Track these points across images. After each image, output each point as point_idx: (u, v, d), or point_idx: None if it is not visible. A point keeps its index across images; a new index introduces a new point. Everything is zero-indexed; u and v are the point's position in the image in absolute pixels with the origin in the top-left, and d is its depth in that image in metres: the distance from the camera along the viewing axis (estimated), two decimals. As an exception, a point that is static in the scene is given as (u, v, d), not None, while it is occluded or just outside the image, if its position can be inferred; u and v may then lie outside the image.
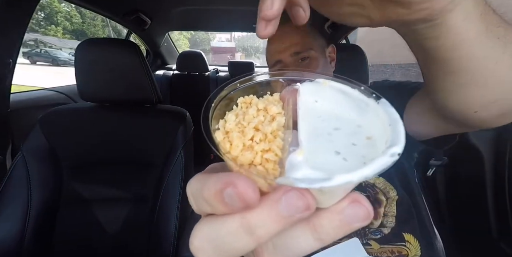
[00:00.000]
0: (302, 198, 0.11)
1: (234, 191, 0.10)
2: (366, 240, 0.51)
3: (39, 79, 6.36)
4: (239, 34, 28.56)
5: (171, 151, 0.77)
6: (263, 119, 0.14)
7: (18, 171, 0.71)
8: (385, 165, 0.11)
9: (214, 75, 2.11)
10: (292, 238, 0.12)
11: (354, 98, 0.14)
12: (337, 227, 0.12)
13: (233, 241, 0.11)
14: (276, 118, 0.14)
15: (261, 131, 0.13)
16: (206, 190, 0.11)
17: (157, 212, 0.74)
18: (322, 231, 0.12)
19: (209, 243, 0.12)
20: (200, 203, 0.12)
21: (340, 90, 0.15)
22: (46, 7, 19.84)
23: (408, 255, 0.50)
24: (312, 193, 0.11)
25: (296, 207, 0.11)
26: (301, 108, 0.14)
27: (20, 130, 0.88)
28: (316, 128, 0.13)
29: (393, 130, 0.12)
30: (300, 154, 0.11)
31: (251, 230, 0.11)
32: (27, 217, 0.69)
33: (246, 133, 0.13)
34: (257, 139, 0.12)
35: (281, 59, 0.58)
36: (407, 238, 0.51)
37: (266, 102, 0.15)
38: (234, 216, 0.11)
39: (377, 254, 0.50)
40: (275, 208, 0.11)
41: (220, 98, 0.15)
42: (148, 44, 2.04)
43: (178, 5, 1.38)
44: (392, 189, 0.53)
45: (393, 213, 0.52)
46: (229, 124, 0.13)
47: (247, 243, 0.11)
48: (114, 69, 0.74)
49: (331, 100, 0.15)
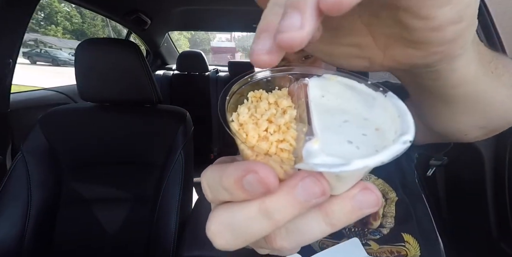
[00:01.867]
0: (318, 184, 0.11)
1: (256, 177, 0.11)
2: (365, 241, 0.51)
3: (39, 79, 6.36)
4: (239, 34, 28.54)
5: (171, 151, 0.77)
6: (275, 112, 0.14)
7: (18, 171, 0.71)
8: (399, 152, 0.11)
9: (214, 75, 2.11)
10: (305, 223, 0.13)
11: (361, 93, 0.15)
12: (348, 213, 0.12)
13: (251, 225, 0.12)
14: (287, 111, 0.14)
15: (274, 123, 0.13)
16: (225, 178, 0.12)
17: (157, 212, 0.74)
18: (334, 217, 0.12)
19: (226, 227, 0.12)
20: (218, 191, 0.13)
21: (347, 85, 0.15)
22: (46, 7, 19.83)
23: (407, 255, 0.50)
24: (328, 179, 0.11)
25: (312, 193, 0.11)
26: (311, 101, 0.14)
27: (20, 130, 0.88)
28: (326, 121, 0.14)
29: (403, 120, 0.12)
30: (316, 142, 0.12)
31: (269, 215, 0.11)
32: (27, 217, 0.69)
33: (260, 124, 0.13)
34: (271, 130, 0.13)
35: (285, 56, 0.58)
36: (406, 238, 0.51)
37: (276, 96, 0.15)
38: (253, 202, 0.12)
39: (376, 254, 0.50)
40: (292, 194, 0.11)
41: (232, 92, 0.15)
42: (148, 44, 2.04)
43: (178, 5, 1.38)
44: (391, 190, 0.53)
45: (392, 213, 0.52)
46: (243, 117, 0.14)
47: (264, 227, 0.12)
48: (114, 69, 0.74)
49: (338, 95, 0.15)
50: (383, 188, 0.52)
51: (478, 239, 0.75)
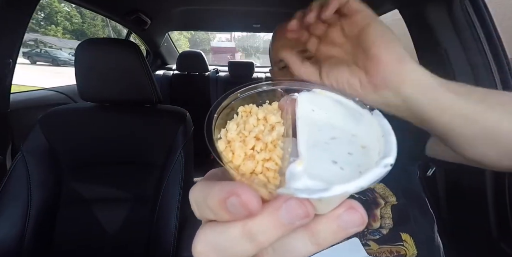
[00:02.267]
0: (301, 206, 0.11)
1: (238, 201, 0.11)
2: (365, 241, 0.51)
3: (39, 79, 6.36)
4: (239, 34, 28.53)
5: (171, 151, 0.77)
6: (263, 128, 0.14)
7: (18, 171, 0.71)
8: (379, 176, 0.11)
9: (214, 75, 2.11)
10: (291, 243, 0.13)
11: (349, 108, 0.15)
12: (334, 232, 0.12)
13: (235, 247, 0.12)
14: (275, 128, 0.14)
15: (261, 140, 0.13)
16: (210, 199, 0.12)
17: (157, 212, 0.74)
18: (319, 236, 0.12)
19: (211, 248, 0.12)
20: (204, 210, 0.13)
21: (335, 99, 0.15)
22: (46, 7, 19.83)
23: (406, 254, 0.50)
24: (311, 202, 0.11)
25: (296, 215, 0.11)
26: (299, 118, 0.14)
27: (20, 130, 0.88)
28: (313, 138, 0.14)
29: (386, 141, 0.13)
30: (300, 164, 0.12)
31: (253, 237, 0.11)
32: (27, 217, 0.69)
33: (247, 142, 0.13)
34: (258, 149, 0.13)
35: None
36: (403, 237, 0.51)
37: (265, 111, 0.15)
38: (236, 223, 0.12)
39: (376, 254, 0.50)
40: (276, 216, 0.11)
41: (222, 107, 0.15)
42: (148, 44, 2.04)
43: (178, 5, 1.38)
44: (391, 194, 0.53)
45: (389, 215, 0.52)
46: (231, 134, 0.14)
47: (248, 249, 0.12)
48: (114, 69, 0.74)
49: (327, 109, 0.15)
50: (384, 191, 0.52)
51: (478, 239, 0.74)
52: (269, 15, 1.51)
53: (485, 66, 0.74)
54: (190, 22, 1.80)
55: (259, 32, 2.10)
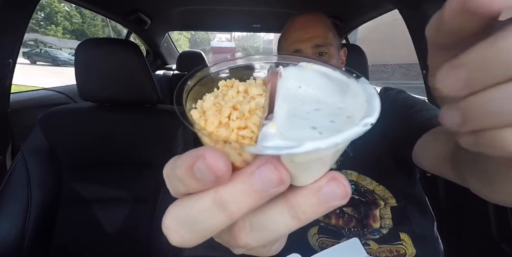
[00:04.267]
0: (275, 172, 0.10)
1: (204, 163, 0.10)
2: (365, 240, 0.51)
3: (39, 79, 6.36)
4: (239, 34, 28.48)
5: (171, 151, 0.77)
6: (243, 99, 0.13)
7: (18, 171, 0.70)
8: (357, 134, 0.10)
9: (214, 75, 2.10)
10: (269, 217, 0.12)
11: (335, 80, 0.14)
12: (314, 205, 0.12)
13: (206, 218, 0.11)
14: (256, 99, 0.13)
15: (239, 110, 0.13)
16: (178, 168, 0.11)
17: (157, 212, 0.74)
18: (299, 209, 0.11)
19: (181, 222, 0.11)
20: (174, 182, 0.12)
21: (322, 73, 0.15)
22: (46, 7, 19.82)
23: (405, 253, 0.50)
24: (287, 167, 0.11)
25: (269, 181, 0.10)
26: (281, 91, 0.14)
27: (20, 130, 0.88)
28: (295, 109, 0.13)
29: (369, 105, 0.12)
30: (273, 127, 0.11)
31: (224, 206, 0.11)
32: (27, 217, 0.69)
33: (223, 111, 0.12)
34: (234, 117, 0.12)
35: (301, 49, 0.57)
36: (402, 237, 0.51)
37: (247, 85, 0.14)
38: (206, 193, 0.11)
39: (376, 253, 0.50)
40: (249, 182, 0.10)
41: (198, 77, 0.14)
42: (148, 44, 2.04)
43: (178, 5, 1.38)
44: (391, 197, 0.53)
45: (389, 215, 0.52)
46: (206, 104, 0.13)
47: (220, 221, 0.11)
48: (114, 69, 0.74)
49: (314, 85, 0.15)
50: (383, 193, 0.53)
51: (478, 239, 0.74)
52: (269, 15, 1.51)
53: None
54: (190, 22, 1.80)
55: (259, 32, 2.10)
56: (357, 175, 0.55)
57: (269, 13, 1.45)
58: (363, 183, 0.54)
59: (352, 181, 0.55)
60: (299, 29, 0.58)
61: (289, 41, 0.58)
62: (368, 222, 0.52)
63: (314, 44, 0.55)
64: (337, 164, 0.57)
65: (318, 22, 0.58)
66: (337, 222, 0.54)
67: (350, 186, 0.12)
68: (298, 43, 0.57)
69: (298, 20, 0.60)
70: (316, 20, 0.58)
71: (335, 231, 0.53)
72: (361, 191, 0.54)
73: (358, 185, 0.54)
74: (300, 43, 0.56)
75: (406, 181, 0.55)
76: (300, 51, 0.56)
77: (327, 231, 0.54)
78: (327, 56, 0.57)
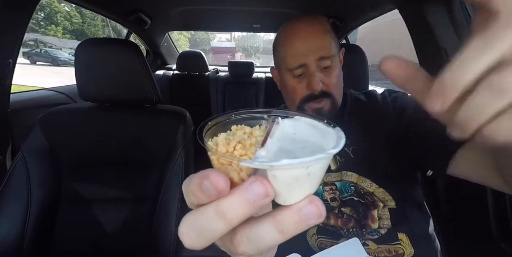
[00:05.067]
0: (262, 186, 0.14)
1: (209, 182, 0.13)
2: (363, 241, 0.51)
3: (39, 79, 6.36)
4: (239, 34, 28.52)
5: (171, 151, 0.77)
6: (247, 138, 0.17)
7: (18, 171, 0.71)
8: (321, 158, 0.14)
9: (214, 75, 2.11)
10: (261, 232, 0.15)
11: (320, 129, 0.19)
12: (296, 223, 0.14)
13: (210, 225, 0.14)
14: (257, 138, 0.17)
15: (242, 143, 0.16)
16: (191, 184, 0.14)
17: (157, 212, 0.74)
18: (284, 226, 0.14)
19: (191, 228, 0.15)
20: (188, 195, 0.15)
21: (311, 124, 0.19)
22: (46, 7, 19.83)
23: (404, 253, 0.50)
24: (271, 184, 0.14)
25: (258, 194, 0.13)
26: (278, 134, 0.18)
27: (20, 130, 0.88)
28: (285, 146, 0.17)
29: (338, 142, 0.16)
30: (263, 151, 0.15)
31: (224, 215, 0.14)
32: (27, 217, 0.69)
33: (230, 143, 0.16)
34: (238, 148, 0.16)
35: (306, 63, 0.54)
36: (400, 237, 0.51)
37: (252, 129, 0.19)
38: (211, 205, 0.14)
39: (375, 254, 0.50)
40: (243, 195, 0.14)
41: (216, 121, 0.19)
42: (148, 44, 2.04)
43: (178, 5, 1.38)
44: (391, 199, 0.53)
45: (387, 216, 0.52)
46: (219, 138, 0.17)
47: (221, 226, 0.14)
48: (114, 69, 0.74)
49: (305, 132, 0.19)
50: (383, 196, 0.53)
51: (478, 239, 0.75)
52: (269, 15, 1.51)
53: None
54: (190, 22, 1.80)
55: (259, 32, 2.10)
56: (357, 177, 0.55)
57: (269, 13, 1.46)
58: (363, 185, 0.54)
59: (352, 183, 0.55)
60: (301, 42, 0.55)
61: (293, 55, 0.56)
62: (367, 222, 0.52)
63: (318, 57, 0.54)
64: (337, 165, 0.57)
65: (321, 30, 0.55)
66: (335, 223, 0.54)
67: (324, 208, 0.15)
68: (303, 57, 0.54)
69: (301, 29, 0.55)
70: (318, 27, 0.55)
71: (334, 232, 0.53)
72: (361, 193, 0.54)
73: (358, 187, 0.54)
74: (305, 57, 0.54)
75: (406, 184, 0.55)
76: (305, 65, 0.54)
77: (326, 232, 0.54)
78: (330, 69, 0.56)
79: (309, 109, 0.57)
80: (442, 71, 0.15)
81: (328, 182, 0.56)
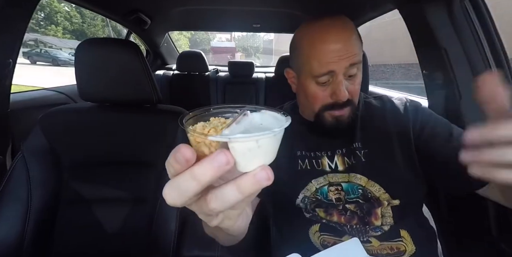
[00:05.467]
0: (224, 156, 0.18)
1: (180, 153, 0.18)
2: (367, 238, 0.52)
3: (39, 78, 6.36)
4: (239, 34, 28.51)
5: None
6: (220, 125, 0.21)
7: (18, 171, 0.70)
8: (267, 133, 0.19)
9: (214, 75, 2.11)
10: (226, 192, 0.19)
11: (279, 119, 0.23)
12: (251, 184, 0.19)
13: (186, 185, 0.18)
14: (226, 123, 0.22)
15: (215, 128, 0.20)
16: (170, 157, 0.19)
17: (157, 212, 0.74)
18: (242, 186, 0.19)
19: (173, 189, 0.19)
20: (169, 168, 0.19)
21: (273, 115, 0.24)
22: (46, 7, 19.82)
23: (405, 251, 0.50)
24: (232, 154, 0.18)
25: (222, 161, 0.18)
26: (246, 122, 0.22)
27: (20, 130, 0.88)
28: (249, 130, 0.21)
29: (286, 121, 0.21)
30: (228, 130, 0.20)
31: (196, 177, 0.18)
32: (27, 217, 0.69)
33: (206, 128, 0.20)
34: (212, 131, 0.20)
35: (335, 71, 0.50)
36: (402, 234, 0.52)
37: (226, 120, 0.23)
38: (187, 171, 0.18)
39: (377, 251, 0.50)
40: (211, 162, 0.18)
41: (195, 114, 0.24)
42: (148, 44, 2.04)
43: (178, 5, 1.38)
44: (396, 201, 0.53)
45: (390, 214, 0.52)
46: (198, 125, 0.22)
47: (195, 186, 0.18)
48: (114, 69, 0.74)
49: (269, 122, 0.23)
50: (388, 199, 0.53)
51: (478, 239, 0.75)
52: (269, 15, 1.51)
53: (485, 66, 0.74)
54: (190, 22, 1.81)
55: (259, 32, 2.11)
56: (367, 181, 0.54)
57: (269, 13, 1.46)
58: (372, 189, 0.53)
59: (361, 186, 0.54)
60: (333, 47, 0.49)
61: (319, 60, 0.50)
62: (370, 219, 0.53)
63: (348, 64, 0.50)
64: (344, 166, 0.56)
65: (352, 35, 0.50)
66: (339, 220, 0.54)
67: (272, 173, 0.19)
68: (331, 64, 0.49)
69: (332, 34, 0.50)
70: (349, 32, 0.50)
71: (337, 229, 0.53)
72: (368, 197, 0.53)
73: (366, 191, 0.53)
74: (333, 65, 0.49)
75: (413, 189, 0.55)
76: (333, 71, 0.50)
77: (328, 229, 0.54)
78: (355, 77, 0.53)
79: (329, 116, 0.54)
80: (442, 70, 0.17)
81: (334, 183, 0.55)
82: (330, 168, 0.56)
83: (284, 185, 0.56)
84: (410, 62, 10.85)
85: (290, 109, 0.68)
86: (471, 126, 0.24)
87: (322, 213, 0.54)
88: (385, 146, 0.56)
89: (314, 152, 0.58)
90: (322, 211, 0.54)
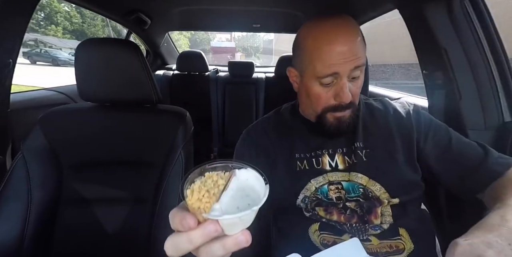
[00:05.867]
0: (214, 226, 0.23)
1: (185, 221, 0.23)
2: (366, 236, 0.52)
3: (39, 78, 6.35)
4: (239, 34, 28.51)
5: (171, 151, 0.77)
6: (213, 186, 0.26)
7: (18, 171, 0.71)
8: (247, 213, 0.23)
9: (214, 75, 2.11)
10: (214, 248, 0.24)
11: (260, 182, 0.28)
12: (233, 244, 0.24)
13: (183, 245, 0.24)
14: (220, 187, 0.26)
15: (209, 192, 0.25)
16: (176, 219, 0.24)
17: (157, 212, 0.74)
18: (226, 245, 0.24)
19: (171, 245, 0.25)
20: (173, 225, 0.25)
21: (256, 176, 0.28)
22: (46, 7, 19.82)
23: (404, 249, 0.51)
24: (221, 225, 0.23)
25: (211, 230, 0.23)
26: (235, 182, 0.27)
27: (20, 130, 0.88)
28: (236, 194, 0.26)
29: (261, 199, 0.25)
30: (218, 204, 0.24)
31: (191, 240, 0.23)
32: (27, 217, 0.69)
33: (201, 191, 0.25)
34: (205, 196, 0.25)
35: (339, 73, 0.49)
36: (401, 232, 0.52)
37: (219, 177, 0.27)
38: (184, 233, 0.24)
39: (377, 249, 0.51)
40: (203, 230, 0.23)
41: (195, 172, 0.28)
42: (148, 44, 2.04)
43: (178, 5, 1.38)
44: (395, 201, 0.53)
45: (389, 212, 0.53)
46: (195, 185, 0.26)
47: (189, 247, 0.24)
48: (114, 69, 0.74)
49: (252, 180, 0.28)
50: (388, 198, 0.53)
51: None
52: (269, 15, 1.51)
53: (485, 66, 0.74)
54: (190, 22, 1.81)
55: (259, 32, 2.11)
56: (368, 180, 0.54)
57: (269, 13, 1.46)
58: (372, 189, 0.53)
59: (362, 185, 0.54)
60: (339, 49, 0.48)
61: (324, 62, 0.49)
62: (370, 218, 0.53)
63: (353, 66, 0.49)
64: (345, 165, 0.56)
65: (357, 37, 0.50)
66: (338, 218, 0.54)
67: (250, 237, 0.25)
68: (336, 66, 0.49)
69: (337, 35, 0.49)
70: (355, 34, 0.50)
71: (336, 227, 0.53)
72: (368, 196, 0.53)
73: (367, 190, 0.53)
74: (338, 67, 0.49)
75: (413, 188, 0.56)
76: (338, 73, 0.49)
77: (328, 227, 0.54)
78: (357, 80, 0.53)
79: (331, 117, 0.55)
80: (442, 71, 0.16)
81: (334, 181, 0.55)
82: (330, 166, 0.57)
83: (284, 188, 0.56)
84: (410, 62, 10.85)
85: (289, 110, 0.68)
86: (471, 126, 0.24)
87: (322, 212, 0.54)
88: (387, 147, 0.56)
89: (314, 151, 0.58)
90: (322, 210, 0.55)
